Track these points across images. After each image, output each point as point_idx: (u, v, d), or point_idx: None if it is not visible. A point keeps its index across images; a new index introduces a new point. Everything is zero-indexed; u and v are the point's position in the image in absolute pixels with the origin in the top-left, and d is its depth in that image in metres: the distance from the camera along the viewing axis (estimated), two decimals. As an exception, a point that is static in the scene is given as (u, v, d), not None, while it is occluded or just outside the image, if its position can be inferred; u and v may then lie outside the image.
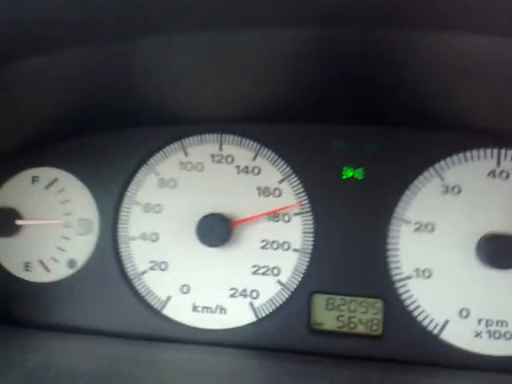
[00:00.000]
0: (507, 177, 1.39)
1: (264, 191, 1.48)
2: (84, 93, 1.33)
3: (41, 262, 1.52)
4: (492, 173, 1.40)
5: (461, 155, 1.41)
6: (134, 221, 1.51)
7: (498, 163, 1.40)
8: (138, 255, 1.50)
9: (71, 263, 1.51)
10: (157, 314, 1.47)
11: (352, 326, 1.41)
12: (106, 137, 1.53)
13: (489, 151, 1.41)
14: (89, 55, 1.12)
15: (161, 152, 1.53)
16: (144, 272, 1.49)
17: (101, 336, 1.44)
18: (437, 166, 1.42)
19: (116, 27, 1.03)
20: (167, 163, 1.52)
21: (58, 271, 1.51)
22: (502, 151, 1.40)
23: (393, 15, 0.97)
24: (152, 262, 1.49)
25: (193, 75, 1.25)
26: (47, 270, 1.52)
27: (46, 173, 1.56)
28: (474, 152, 1.41)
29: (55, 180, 1.55)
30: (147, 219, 1.51)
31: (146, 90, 1.34)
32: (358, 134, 1.46)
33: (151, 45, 1.09)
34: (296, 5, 0.95)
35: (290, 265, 1.44)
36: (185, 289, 1.47)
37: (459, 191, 1.40)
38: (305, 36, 1.05)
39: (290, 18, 0.99)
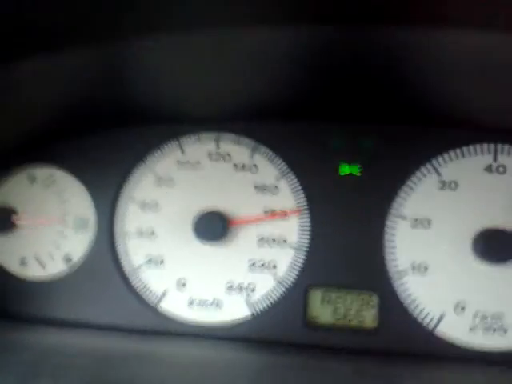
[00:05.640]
0: (504, 172, 1.39)
1: (261, 188, 1.48)
2: (81, 93, 1.34)
3: (37, 259, 1.53)
4: (489, 168, 1.40)
5: (457, 151, 1.42)
6: (131, 217, 1.52)
7: (495, 158, 1.40)
8: (134, 251, 1.50)
9: (67, 259, 1.51)
10: (153, 308, 1.47)
11: (348, 320, 1.40)
12: (103, 136, 1.54)
13: (485, 146, 1.41)
14: (86, 56, 1.13)
15: (158, 150, 1.53)
16: (140, 267, 1.49)
17: (97, 331, 1.44)
18: (434, 161, 1.42)
19: (113, 27, 1.04)
20: (164, 161, 1.53)
21: (55, 267, 1.52)
22: (499, 146, 1.40)
23: (386, 13, 0.98)
24: (148, 257, 1.49)
25: (190, 75, 1.27)
26: (44, 266, 1.52)
27: (44, 171, 1.57)
28: (471, 147, 1.41)
29: (53, 178, 1.56)
30: (144, 216, 1.51)
31: (143, 89, 1.35)
32: (354, 131, 1.46)
33: (148, 46, 1.10)
34: (290, 5, 0.96)
35: (286, 260, 1.44)
36: (181, 283, 1.47)
37: (456, 187, 1.40)
38: (300, 35, 1.06)
39: (285, 17, 1.00)
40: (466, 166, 1.41)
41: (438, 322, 1.37)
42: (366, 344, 1.38)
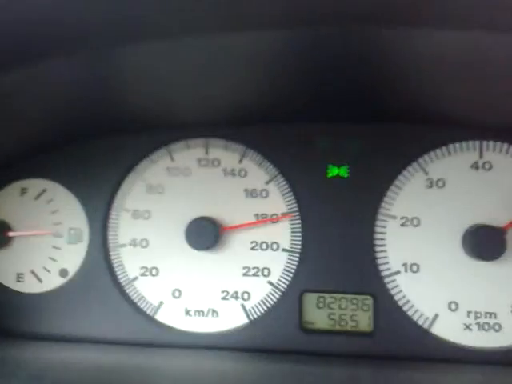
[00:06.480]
0: (490, 168, 1.40)
1: (251, 193, 1.49)
2: (69, 103, 1.33)
3: (33, 273, 1.53)
4: (475, 165, 1.41)
5: (444, 149, 1.43)
6: (124, 228, 1.52)
7: (481, 155, 1.41)
8: (128, 262, 1.51)
9: (63, 272, 1.52)
10: (150, 319, 1.48)
11: (343, 323, 1.42)
12: (93, 146, 1.54)
13: (471, 144, 1.42)
14: (74, 65, 1.12)
15: (147, 158, 1.53)
16: (135, 278, 1.50)
17: (95, 344, 1.45)
18: (420, 160, 1.43)
19: (101, 35, 1.03)
20: (154, 169, 1.53)
21: (50, 281, 1.52)
22: (484, 143, 1.41)
23: (372, 13, 0.98)
24: (143, 268, 1.50)
25: (177, 81, 1.26)
26: (39, 280, 1.53)
27: (35, 184, 1.57)
28: (457, 145, 1.42)
29: (44, 191, 1.56)
30: (136, 226, 1.52)
31: (130, 97, 1.34)
32: (341, 132, 1.47)
33: (135, 52, 1.09)
34: (277, 7, 0.96)
35: (279, 265, 1.45)
36: (176, 293, 1.48)
37: (443, 184, 1.42)
38: (286, 38, 1.05)
39: (271, 20, 1.00)
40: (452, 164, 1.42)
41: (432, 321, 1.39)
42: (361, 347, 1.39)
